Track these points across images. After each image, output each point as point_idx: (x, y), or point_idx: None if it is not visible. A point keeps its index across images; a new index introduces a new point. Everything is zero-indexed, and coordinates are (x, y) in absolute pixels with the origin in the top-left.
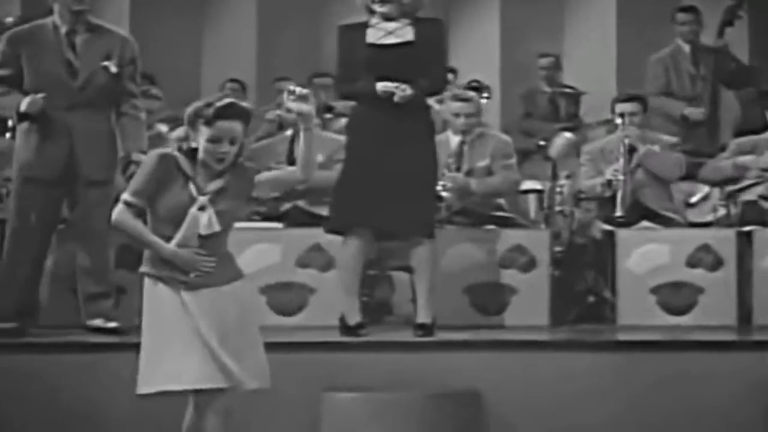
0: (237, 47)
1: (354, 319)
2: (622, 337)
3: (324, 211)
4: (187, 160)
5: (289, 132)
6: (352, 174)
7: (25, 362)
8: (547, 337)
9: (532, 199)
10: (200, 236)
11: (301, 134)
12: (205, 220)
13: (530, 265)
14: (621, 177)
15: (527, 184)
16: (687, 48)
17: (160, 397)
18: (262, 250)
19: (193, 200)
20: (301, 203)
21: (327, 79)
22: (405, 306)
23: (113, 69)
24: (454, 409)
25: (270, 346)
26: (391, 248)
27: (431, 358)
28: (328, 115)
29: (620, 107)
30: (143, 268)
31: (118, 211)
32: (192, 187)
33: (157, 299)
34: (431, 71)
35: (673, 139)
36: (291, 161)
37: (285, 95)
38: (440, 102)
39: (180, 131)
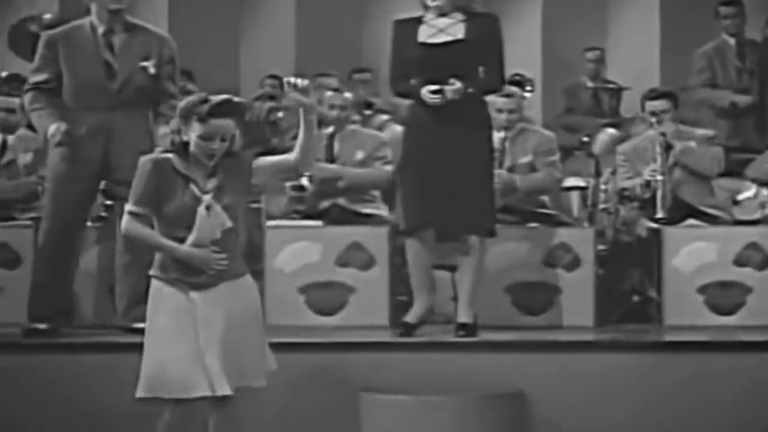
0: (275, 43)
1: (413, 317)
2: (669, 337)
3: (364, 209)
4: (181, 159)
5: (328, 129)
6: (411, 175)
7: (60, 363)
8: (591, 338)
9: (575, 196)
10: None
11: (301, 120)
12: (215, 220)
13: (574, 263)
14: (659, 177)
15: (570, 181)
16: (732, 41)
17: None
18: (301, 249)
19: (197, 200)
20: (341, 201)
21: (366, 74)
22: (446, 305)
23: (152, 70)
24: (497, 411)
25: (309, 347)
26: (439, 244)
27: (473, 359)
28: (368, 112)
29: (651, 105)
30: (153, 272)
31: (125, 222)
32: (193, 188)
33: (164, 303)
34: (487, 68)
35: (710, 133)
36: (330, 159)
37: (285, 87)
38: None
39: (172, 124)
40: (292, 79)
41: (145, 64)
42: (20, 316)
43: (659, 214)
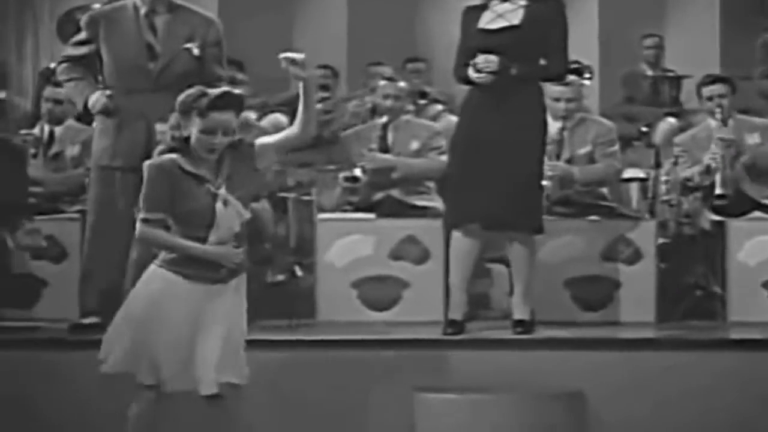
0: (327, 31)
1: (458, 314)
2: (734, 334)
3: (418, 201)
4: (184, 157)
5: (383, 119)
6: (460, 164)
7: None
8: (653, 335)
9: (634, 187)
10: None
11: (300, 90)
12: (233, 213)
13: (635, 257)
14: (719, 160)
15: (629, 172)
16: None
17: None
18: (353, 242)
19: (213, 197)
20: (394, 192)
21: (420, 64)
22: (503, 300)
23: (196, 51)
24: (554, 411)
25: (362, 344)
26: (490, 239)
27: (530, 357)
28: (422, 101)
29: (707, 90)
30: (161, 263)
31: (140, 229)
32: (207, 185)
33: (177, 296)
34: (548, 55)
35: None
36: (383, 149)
37: (282, 63)
38: None
39: (171, 119)
40: (290, 54)
41: (189, 45)
42: (66, 310)
43: (718, 191)
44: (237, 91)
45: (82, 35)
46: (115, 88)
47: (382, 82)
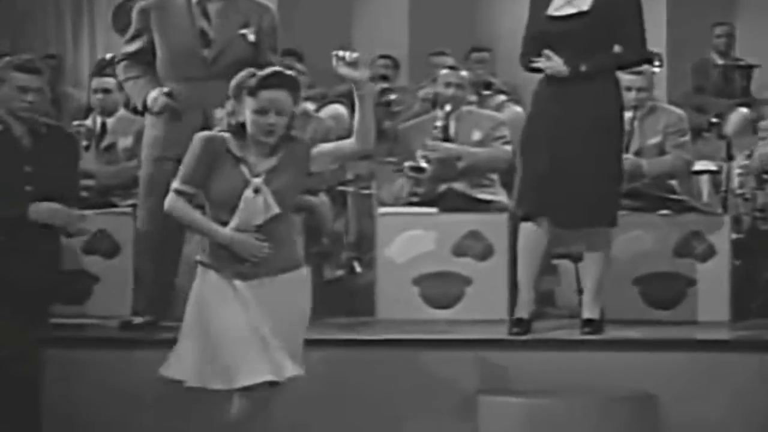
0: (388, 22)
1: (524, 312)
2: None
3: (482, 194)
4: (236, 140)
5: (446, 108)
6: (529, 154)
7: (157, 359)
8: (727, 336)
9: (705, 180)
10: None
11: (356, 100)
12: (261, 204)
13: (708, 253)
14: None
15: (700, 165)
16: None
17: None
18: (414, 238)
19: (246, 183)
20: (457, 186)
21: (484, 53)
22: (570, 297)
23: (251, 38)
24: (624, 415)
25: (423, 343)
26: (557, 233)
27: (599, 358)
28: (486, 92)
29: None
30: (198, 257)
31: (169, 200)
32: (244, 169)
33: (210, 289)
34: (623, 41)
35: None
36: (445, 139)
37: (334, 61)
38: None
39: (227, 106)
40: (341, 53)
41: (244, 31)
42: (118, 307)
43: None
44: (289, 72)
45: (133, 29)
46: (170, 77)
47: (444, 71)
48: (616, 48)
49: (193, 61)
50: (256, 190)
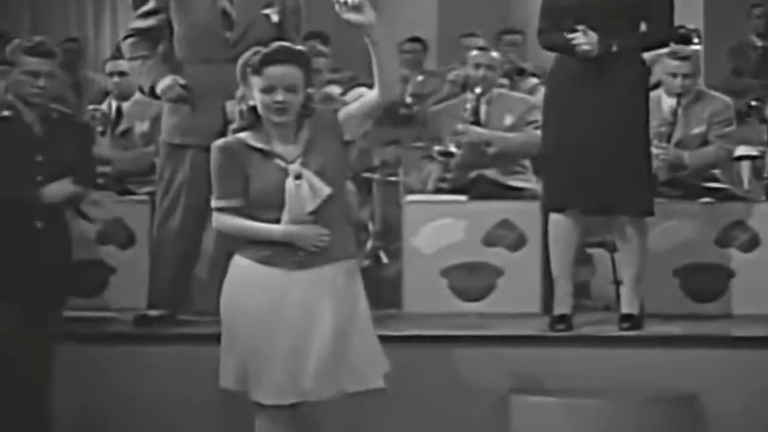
0: (416, 3)
1: (565, 307)
2: None
3: (513, 181)
4: (255, 133)
5: (476, 91)
6: (556, 140)
7: (173, 355)
8: None
9: (745, 166)
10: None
11: (369, 47)
12: (306, 189)
13: (752, 243)
14: None
15: (740, 150)
16: None
17: None
18: (443, 227)
19: (283, 172)
20: (487, 172)
21: (516, 36)
22: (606, 288)
23: (274, 18)
24: (664, 416)
25: (453, 340)
26: (588, 222)
27: (639, 355)
28: (517, 76)
29: None
30: (239, 254)
31: (215, 219)
32: (276, 160)
33: (258, 285)
34: (650, 19)
35: None
36: (476, 123)
37: (337, 6)
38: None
39: (237, 93)
40: None
41: (267, 11)
42: (134, 299)
43: None
44: (298, 47)
45: (150, 4)
46: (188, 59)
47: (474, 52)
48: (642, 26)
49: (213, 42)
50: (298, 176)
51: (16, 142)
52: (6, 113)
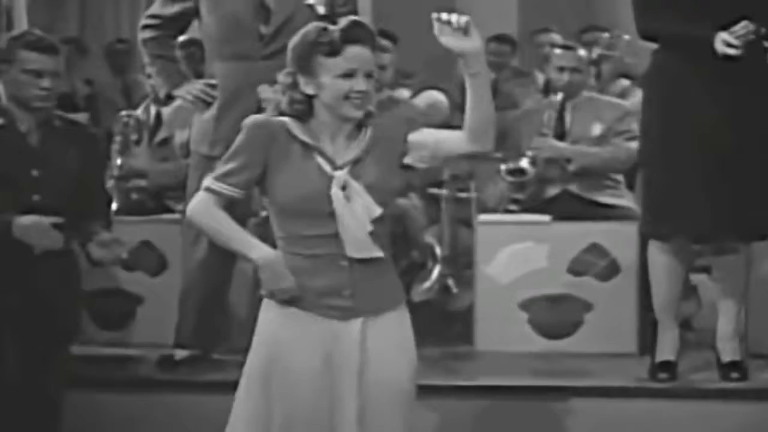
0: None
1: (670, 353)
2: None
3: (603, 197)
4: (300, 123)
5: (557, 97)
6: (662, 154)
7: (203, 405)
8: None
9: None
10: None
11: (467, 82)
12: (360, 205)
13: None
14: None
15: None
16: None
17: None
18: (522, 252)
19: (326, 178)
20: (572, 187)
21: (602, 34)
22: (711, 319)
23: (321, 9)
24: None
25: (530, 391)
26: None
27: (742, 409)
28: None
29: None
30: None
31: (195, 201)
32: (320, 160)
33: (305, 336)
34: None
35: None
36: (559, 134)
37: (436, 28)
38: None
39: (283, 77)
40: (444, 15)
41: (311, 1)
42: (164, 333)
43: None
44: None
45: None
46: (217, 55)
47: (557, 51)
48: None
49: (247, 36)
50: (344, 188)
51: (7, 153)
52: None
